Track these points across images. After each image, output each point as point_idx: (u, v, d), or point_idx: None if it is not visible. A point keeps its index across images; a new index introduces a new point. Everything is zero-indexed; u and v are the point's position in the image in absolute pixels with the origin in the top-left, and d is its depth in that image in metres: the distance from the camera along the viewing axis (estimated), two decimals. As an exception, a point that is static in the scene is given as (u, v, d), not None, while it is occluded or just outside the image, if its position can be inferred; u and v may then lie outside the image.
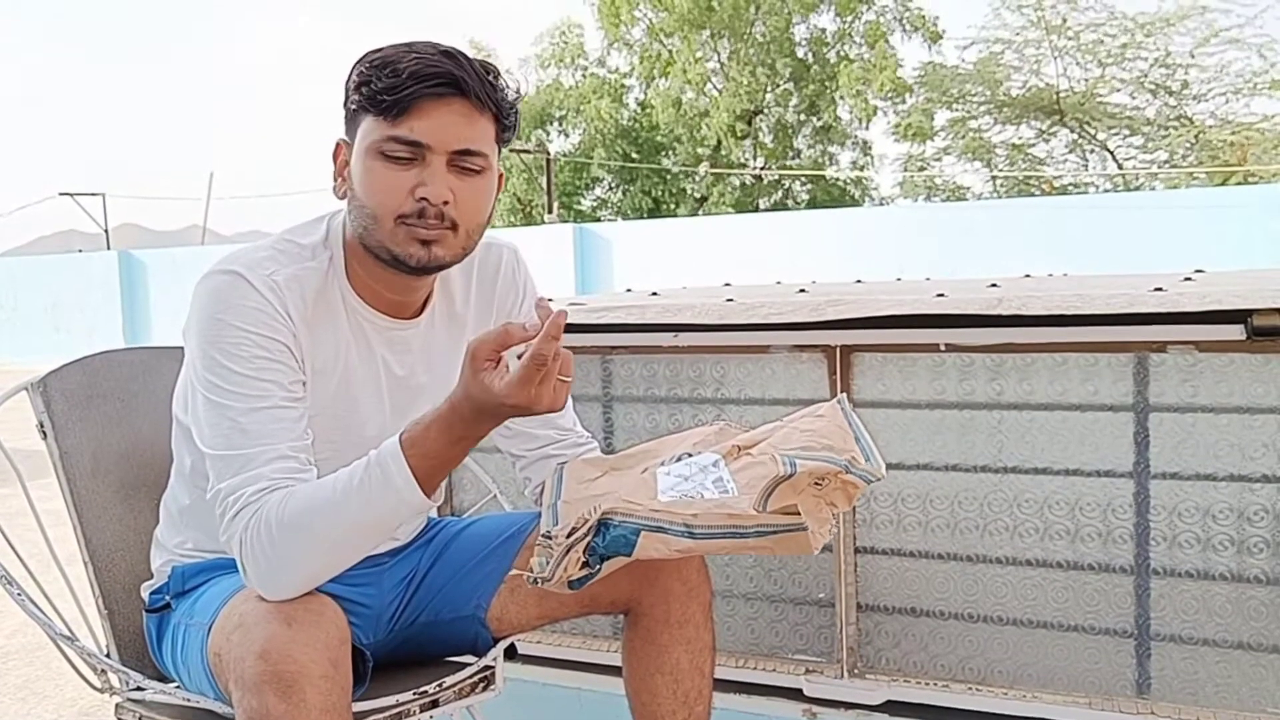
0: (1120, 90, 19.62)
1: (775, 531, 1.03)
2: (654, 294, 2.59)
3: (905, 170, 22.24)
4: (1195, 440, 1.52)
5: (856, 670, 1.73)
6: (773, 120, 23.66)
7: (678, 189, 23.76)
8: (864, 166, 24.23)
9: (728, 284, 3.23)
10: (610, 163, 23.69)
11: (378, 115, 1.14)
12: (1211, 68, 18.33)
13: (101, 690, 1.35)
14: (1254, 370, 1.48)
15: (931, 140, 21.60)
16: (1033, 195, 18.92)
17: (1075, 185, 20.42)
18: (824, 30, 23.25)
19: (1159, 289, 1.74)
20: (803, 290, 2.46)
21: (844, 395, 1.33)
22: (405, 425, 1.10)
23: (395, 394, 1.29)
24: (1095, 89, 19.63)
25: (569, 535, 1.04)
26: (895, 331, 1.65)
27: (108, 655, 1.39)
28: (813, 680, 1.74)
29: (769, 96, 23.38)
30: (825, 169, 23.81)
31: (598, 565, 1.05)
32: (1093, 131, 20.24)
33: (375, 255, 1.18)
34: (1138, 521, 1.56)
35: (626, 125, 23.92)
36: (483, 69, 1.16)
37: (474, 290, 1.36)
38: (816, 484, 1.04)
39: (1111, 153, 20.35)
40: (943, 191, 21.76)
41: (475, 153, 1.16)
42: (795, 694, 1.74)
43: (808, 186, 24.03)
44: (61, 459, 1.42)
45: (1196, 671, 1.54)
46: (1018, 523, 1.63)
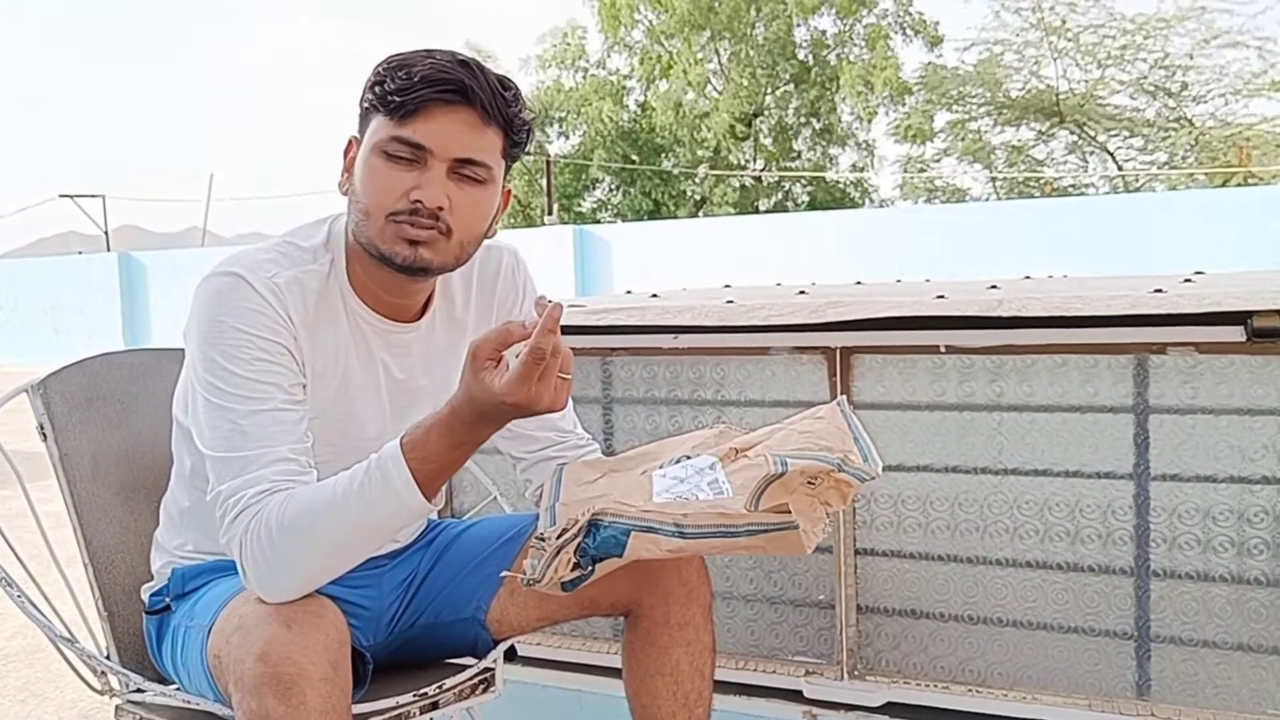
0: (1120, 92, 19.65)
1: (766, 530, 1.03)
2: (654, 295, 2.59)
3: (905, 172, 22.26)
4: (1195, 442, 1.52)
5: (856, 672, 1.73)
6: (773, 122, 23.66)
7: (678, 191, 23.75)
8: (864, 168, 24.25)
9: (728, 285, 3.23)
10: (610, 164, 23.68)
11: (386, 115, 1.14)
12: (1211, 69, 18.37)
13: (101, 692, 1.35)
14: (1254, 372, 1.48)
15: (931, 142, 21.63)
16: (1033, 197, 18.90)
17: (1075, 187, 20.43)
18: (824, 32, 23.27)
19: (1159, 290, 1.74)
20: (803, 292, 2.47)
21: (844, 397, 1.33)
22: (405, 428, 1.10)
23: (395, 397, 1.29)
24: (1095, 90, 19.65)
25: (559, 537, 1.04)
26: (895, 333, 1.65)
27: (108, 657, 1.39)
28: (813, 682, 1.74)
29: (769, 98, 23.38)
30: (825, 171, 23.81)
31: (590, 567, 1.04)
32: (1092, 133, 20.26)
33: (367, 252, 1.19)
34: (1138, 523, 1.56)
35: (627, 127, 23.90)
36: (499, 83, 1.16)
37: (474, 293, 1.36)
38: (809, 483, 1.04)
39: (1111, 154, 20.37)
40: (943, 193, 21.77)
41: (477, 163, 1.16)
42: (795, 696, 1.74)
43: (808, 188, 24.02)
44: (61, 461, 1.42)
45: (1196, 673, 1.54)
46: (1018, 524, 1.63)
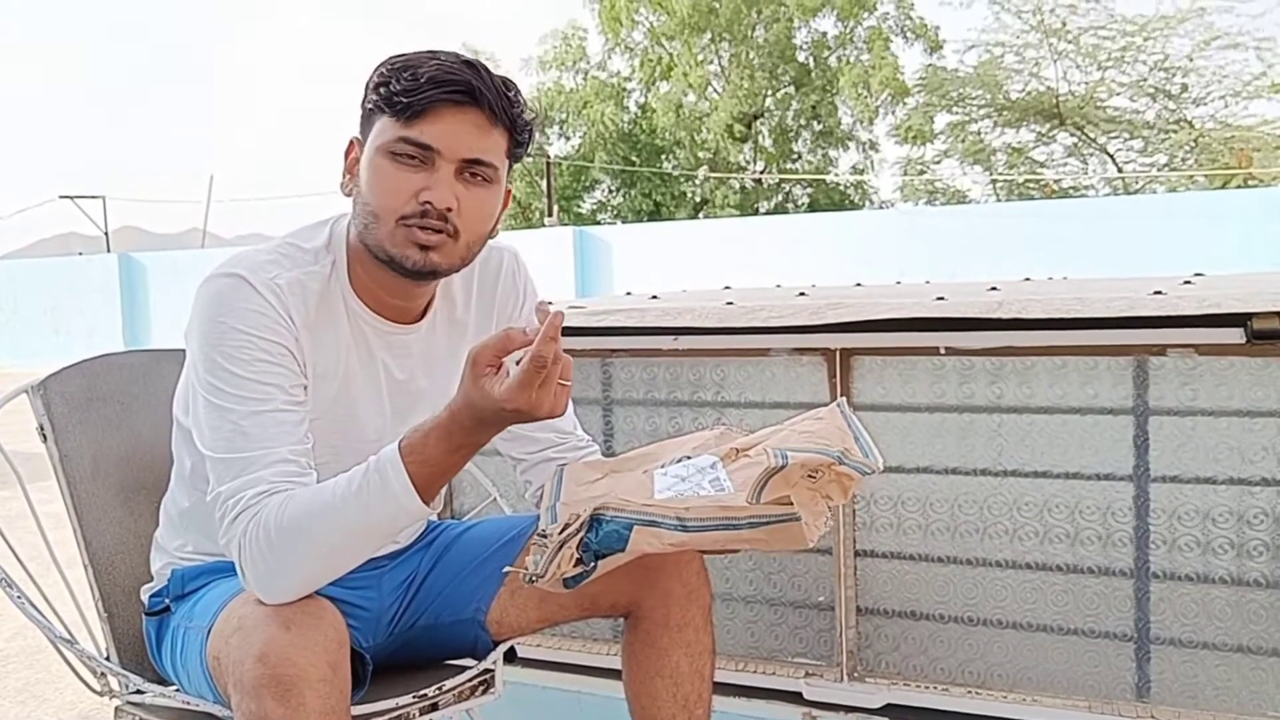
0: (1120, 93, 19.66)
1: (769, 522, 1.03)
2: (654, 297, 2.59)
3: (905, 174, 22.28)
4: (1195, 443, 1.52)
5: (856, 673, 1.73)
6: (773, 124, 23.66)
7: (678, 192, 23.76)
8: (864, 170, 24.26)
9: (728, 287, 3.23)
10: (611, 166, 23.69)
11: (392, 116, 1.14)
12: (1211, 71, 18.38)
13: (101, 693, 1.35)
14: (1253, 373, 1.48)
15: (931, 144, 21.65)
16: (1033, 198, 18.92)
17: (1075, 188, 20.43)
18: (825, 34, 23.28)
19: (1159, 292, 1.74)
20: (803, 293, 2.46)
21: (844, 399, 1.33)
22: (405, 430, 1.10)
23: (395, 398, 1.29)
24: (1095, 92, 19.66)
25: (562, 532, 1.04)
26: (895, 335, 1.65)
27: (107, 658, 1.39)
28: (812, 683, 1.74)
29: (769, 100, 23.38)
30: (825, 172, 23.81)
31: (592, 563, 1.04)
32: (1092, 135, 20.27)
33: (374, 255, 1.19)
34: (1137, 525, 1.56)
35: (627, 128, 23.91)
36: (503, 84, 1.17)
37: (475, 295, 1.36)
38: (810, 476, 1.04)
39: (1111, 156, 20.38)
40: (943, 195, 21.79)
41: (485, 163, 1.17)
42: (795, 697, 1.74)
43: (808, 190, 24.03)
44: (61, 462, 1.42)
45: (1196, 675, 1.54)
46: (1017, 526, 1.63)
